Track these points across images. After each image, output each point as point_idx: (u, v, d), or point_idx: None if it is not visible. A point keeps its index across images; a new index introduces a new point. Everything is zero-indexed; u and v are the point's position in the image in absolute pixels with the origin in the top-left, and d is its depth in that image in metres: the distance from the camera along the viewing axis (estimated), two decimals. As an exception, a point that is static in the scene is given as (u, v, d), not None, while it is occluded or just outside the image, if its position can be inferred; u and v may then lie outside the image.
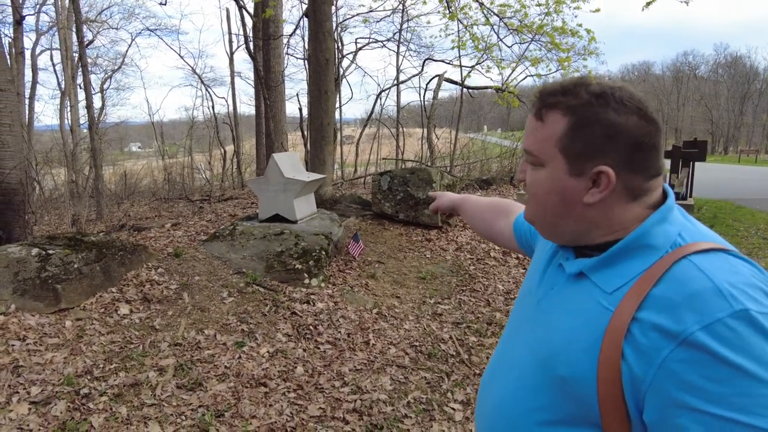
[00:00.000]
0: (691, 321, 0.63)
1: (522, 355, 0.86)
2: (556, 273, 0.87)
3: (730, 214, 8.97)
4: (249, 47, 8.94)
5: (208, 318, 3.59)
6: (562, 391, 0.75)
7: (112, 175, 12.15)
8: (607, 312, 0.72)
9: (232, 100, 12.84)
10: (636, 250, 0.75)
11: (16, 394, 2.54)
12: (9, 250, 3.53)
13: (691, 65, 46.85)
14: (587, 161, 0.75)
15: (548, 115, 0.78)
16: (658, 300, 0.67)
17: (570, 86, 0.78)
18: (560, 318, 0.80)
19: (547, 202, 0.81)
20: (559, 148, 0.77)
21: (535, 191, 0.83)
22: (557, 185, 0.78)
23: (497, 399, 0.88)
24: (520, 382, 0.83)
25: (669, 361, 0.63)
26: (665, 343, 0.64)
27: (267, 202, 5.07)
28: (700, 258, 0.69)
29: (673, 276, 0.68)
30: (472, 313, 4.23)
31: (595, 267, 0.78)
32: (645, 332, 0.66)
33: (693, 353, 0.62)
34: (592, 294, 0.76)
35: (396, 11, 12.76)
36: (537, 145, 0.80)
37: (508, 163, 10.79)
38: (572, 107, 0.76)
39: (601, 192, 0.75)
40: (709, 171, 16.55)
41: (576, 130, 0.75)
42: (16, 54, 12.72)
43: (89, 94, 7.50)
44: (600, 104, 0.74)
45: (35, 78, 16.26)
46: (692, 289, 0.65)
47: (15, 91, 5.50)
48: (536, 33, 7.86)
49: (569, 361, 0.74)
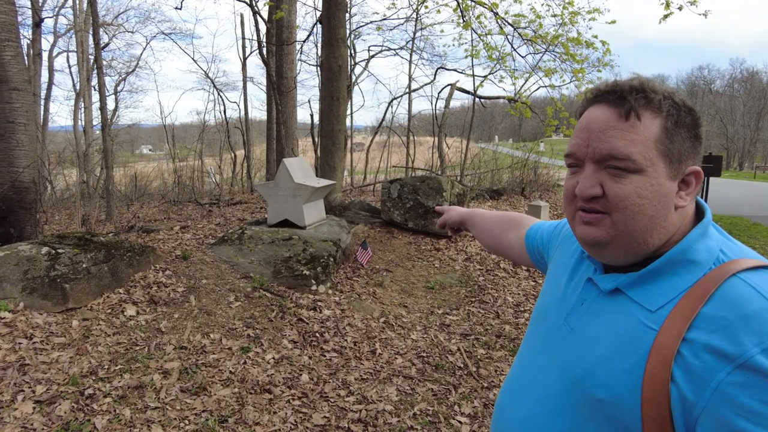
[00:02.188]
0: (750, 343, 0.59)
1: (548, 375, 0.81)
2: (585, 288, 0.82)
3: (746, 231, 8.84)
4: (262, 52, 8.99)
5: (214, 322, 3.57)
6: (599, 413, 0.70)
7: (123, 177, 12.23)
8: (651, 331, 0.68)
9: (244, 105, 12.95)
10: (678, 265, 0.71)
11: (21, 393, 2.53)
12: (19, 248, 3.53)
13: (707, 80, 46.63)
14: (682, 162, 0.72)
15: (643, 113, 0.71)
16: (711, 320, 0.64)
17: (647, 84, 0.73)
18: (594, 336, 0.75)
19: (647, 213, 0.71)
20: (661, 151, 0.71)
21: (628, 203, 0.71)
22: (659, 191, 0.71)
23: (518, 423, 0.83)
24: (545, 404, 0.79)
25: (725, 384, 0.60)
26: (721, 366, 0.60)
27: (276, 207, 5.06)
28: (751, 276, 0.66)
29: (724, 294, 0.65)
30: (481, 325, 4.17)
31: (633, 283, 0.74)
32: (697, 354, 0.62)
33: (751, 377, 0.58)
34: (632, 312, 0.72)
35: (409, 20, 12.83)
36: (634, 148, 0.70)
37: (519, 173, 10.72)
38: (664, 106, 0.72)
39: (689, 194, 0.73)
40: (723, 186, 16.35)
41: (673, 130, 0.72)
42: (33, 55, 12.91)
43: (103, 95, 7.57)
44: (682, 104, 0.73)
45: (51, 79, 16.49)
46: (749, 309, 0.62)
47: (31, 92, 5.57)
48: (550, 43, 7.83)
49: (607, 381, 0.69)
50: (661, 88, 0.73)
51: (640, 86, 0.72)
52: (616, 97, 0.73)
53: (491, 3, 7.40)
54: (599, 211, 0.74)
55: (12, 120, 4.64)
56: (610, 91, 0.74)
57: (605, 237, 0.74)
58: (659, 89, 0.73)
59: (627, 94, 0.72)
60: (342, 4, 6.48)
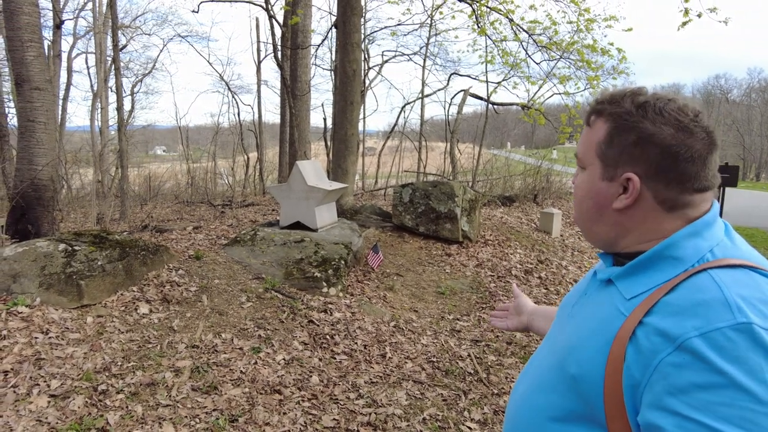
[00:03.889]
0: (691, 327, 0.63)
1: (544, 355, 0.90)
2: (591, 280, 0.90)
3: (762, 243, 8.70)
4: (277, 56, 9.07)
5: (225, 322, 3.59)
6: (573, 390, 0.76)
7: (137, 177, 12.37)
8: (622, 317, 0.73)
9: (258, 108, 13.02)
10: (661, 261, 0.76)
11: (36, 387, 2.57)
12: (37, 245, 3.59)
13: (723, 89, 46.08)
14: (618, 167, 0.78)
15: (595, 121, 0.82)
16: (667, 306, 0.68)
17: (619, 96, 0.80)
18: (583, 321, 0.82)
19: (583, 205, 0.85)
20: (597, 153, 0.81)
21: (576, 193, 0.87)
22: (592, 188, 0.82)
23: (518, 397, 0.91)
24: (536, 379, 0.86)
25: (663, 364, 0.63)
26: (664, 347, 0.64)
27: (288, 209, 5.09)
28: (721, 272, 0.69)
29: (687, 285, 0.69)
30: (492, 332, 4.15)
31: (621, 275, 0.80)
32: (648, 336, 0.67)
33: (686, 358, 0.62)
34: (613, 300, 0.78)
35: (424, 25, 12.85)
36: (581, 149, 0.85)
37: (531, 180, 10.65)
38: (613, 115, 0.79)
39: (627, 198, 0.77)
40: (740, 197, 16.11)
41: (613, 136, 0.78)
42: (53, 56, 13.15)
43: (120, 96, 7.69)
44: (639, 114, 0.76)
45: (70, 80, 16.79)
46: (700, 298, 0.66)
47: (51, 91, 5.67)
48: (565, 50, 7.80)
49: (580, 360, 0.75)
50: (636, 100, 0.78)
51: (604, 100, 0.82)
52: (590, 107, 0.86)
53: (507, 10, 7.41)
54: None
55: (33, 119, 4.74)
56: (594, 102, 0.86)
57: (574, 218, 0.92)
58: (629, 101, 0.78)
59: (595, 104, 0.84)
60: (357, 9, 6.52)
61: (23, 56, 4.65)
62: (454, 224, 5.99)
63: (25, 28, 4.65)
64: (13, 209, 4.70)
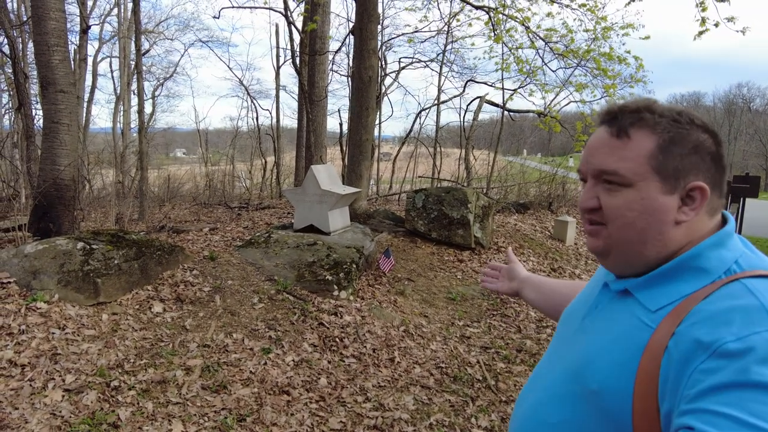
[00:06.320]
0: (726, 332, 0.61)
1: (554, 368, 0.86)
2: (601, 292, 0.87)
3: (783, 255, 8.47)
4: (295, 62, 9.19)
5: (237, 322, 3.64)
6: (592, 404, 0.73)
7: (157, 178, 12.62)
8: (648, 329, 0.71)
9: (276, 113, 13.18)
10: (686, 271, 0.73)
11: (51, 381, 2.64)
12: (57, 242, 3.69)
13: (746, 98, 45.16)
14: (680, 178, 0.74)
15: (635, 132, 0.75)
16: (698, 313, 0.66)
17: (646, 105, 0.77)
18: (598, 332, 0.79)
19: (637, 226, 0.75)
20: (653, 165, 0.74)
21: (618, 215, 0.76)
22: (650, 205, 0.74)
23: (526, 409, 0.88)
24: (547, 392, 0.83)
25: (697, 372, 0.61)
26: (698, 355, 0.62)
27: (302, 213, 5.14)
28: (755, 282, 0.67)
29: (720, 294, 0.67)
30: (502, 339, 4.13)
31: (641, 285, 0.77)
32: (680, 345, 0.65)
33: (721, 362, 0.59)
34: (634, 311, 0.75)
35: (441, 32, 12.89)
36: (623, 164, 0.75)
37: (547, 188, 10.57)
38: (660, 124, 0.75)
39: (693, 209, 0.74)
40: (761, 208, 15.74)
41: (668, 147, 0.74)
42: (79, 60, 13.49)
43: (142, 99, 7.86)
44: (686, 122, 0.74)
45: (94, 83, 17.20)
46: (736, 305, 0.64)
47: (76, 94, 5.83)
48: (582, 58, 7.76)
49: (600, 373, 0.72)
50: (664, 109, 0.76)
51: (637, 108, 0.77)
52: (611, 119, 0.78)
53: (523, 17, 7.40)
54: (599, 223, 0.79)
55: (57, 120, 4.88)
56: (607, 113, 0.80)
57: (603, 246, 0.80)
58: (660, 110, 0.76)
59: (619, 115, 0.77)
60: (374, 16, 6.58)
61: (49, 60, 4.80)
62: (466, 230, 5.98)
63: (51, 33, 4.80)
64: (36, 208, 4.84)
